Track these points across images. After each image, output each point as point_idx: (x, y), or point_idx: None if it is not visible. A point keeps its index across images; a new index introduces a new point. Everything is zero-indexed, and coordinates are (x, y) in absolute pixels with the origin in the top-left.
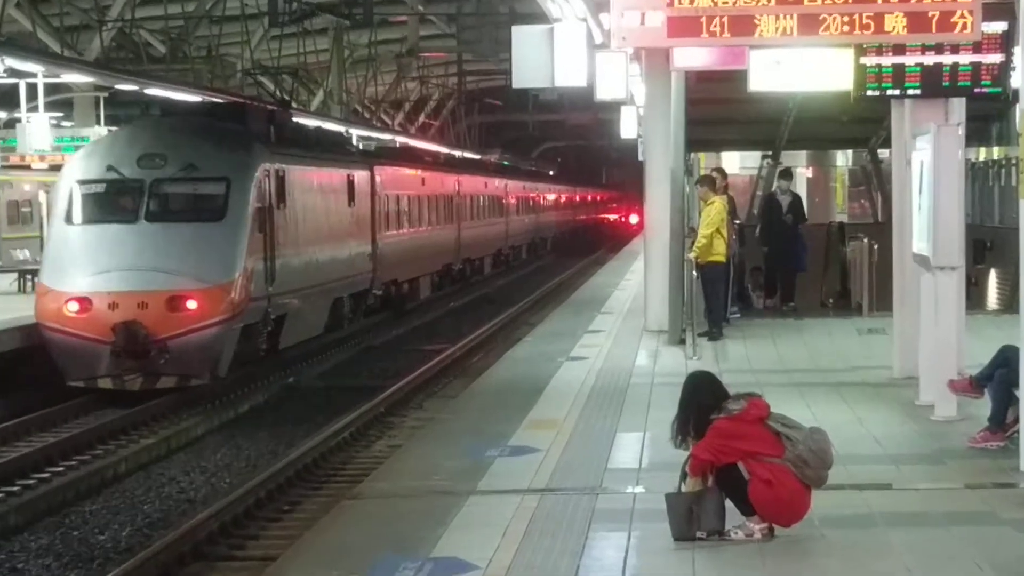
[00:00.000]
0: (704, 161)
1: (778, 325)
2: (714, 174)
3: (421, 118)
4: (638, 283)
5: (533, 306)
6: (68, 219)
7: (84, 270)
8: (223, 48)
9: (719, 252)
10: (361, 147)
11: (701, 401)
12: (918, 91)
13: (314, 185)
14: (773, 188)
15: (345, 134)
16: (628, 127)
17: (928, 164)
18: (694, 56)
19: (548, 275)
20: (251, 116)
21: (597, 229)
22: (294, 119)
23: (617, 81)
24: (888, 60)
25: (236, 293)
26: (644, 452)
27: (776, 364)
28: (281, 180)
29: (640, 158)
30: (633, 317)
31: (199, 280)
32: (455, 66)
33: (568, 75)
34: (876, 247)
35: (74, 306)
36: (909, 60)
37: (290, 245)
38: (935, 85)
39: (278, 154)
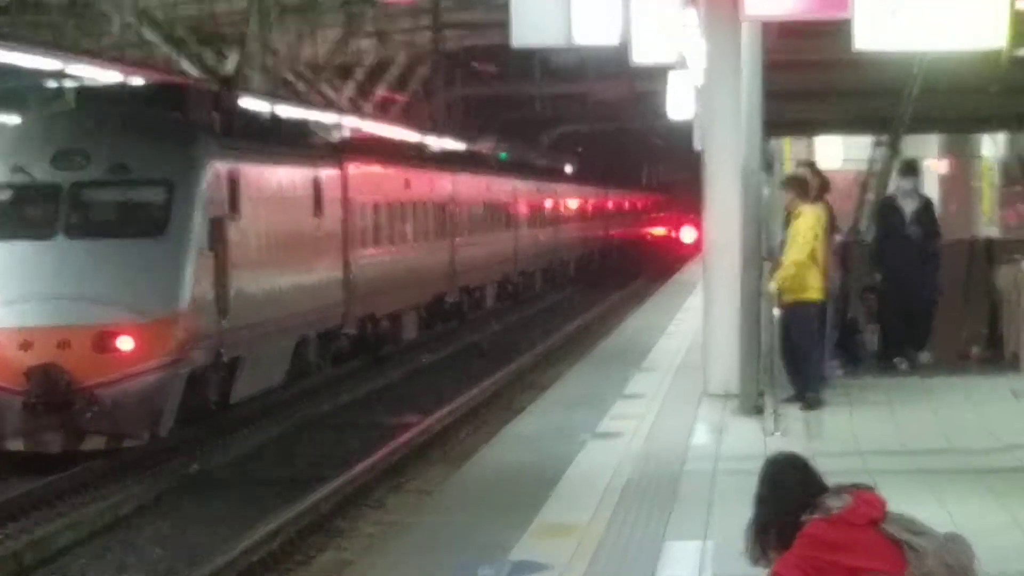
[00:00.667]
0: (790, 151)
1: (897, 386)
2: (804, 172)
3: (380, 90)
4: (694, 327)
5: (543, 359)
6: None
7: None
8: None
9: (813, 286)
10: (327, 138)
11: (786, 497)
12: None
13: (274, 189)
14: (891, 189)
15: (305, 121)
16: (679, 104)
17: None
18: (775, 1)
19: (565, 314)
20: (192, 100)
21: (635, 249)
22: (240, 102)
23: (663, 38)
24: None
25: (182, 328)
26: (704, 570)
27: (895, 443)
28: (234, 183)
29: (696, 147)
30: (687, 376)
31: (135, 312)
32: (428, 16)
33: (591, 29)
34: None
35: None
36: None
37: (247, 267)
38: None
39: (230, 149)
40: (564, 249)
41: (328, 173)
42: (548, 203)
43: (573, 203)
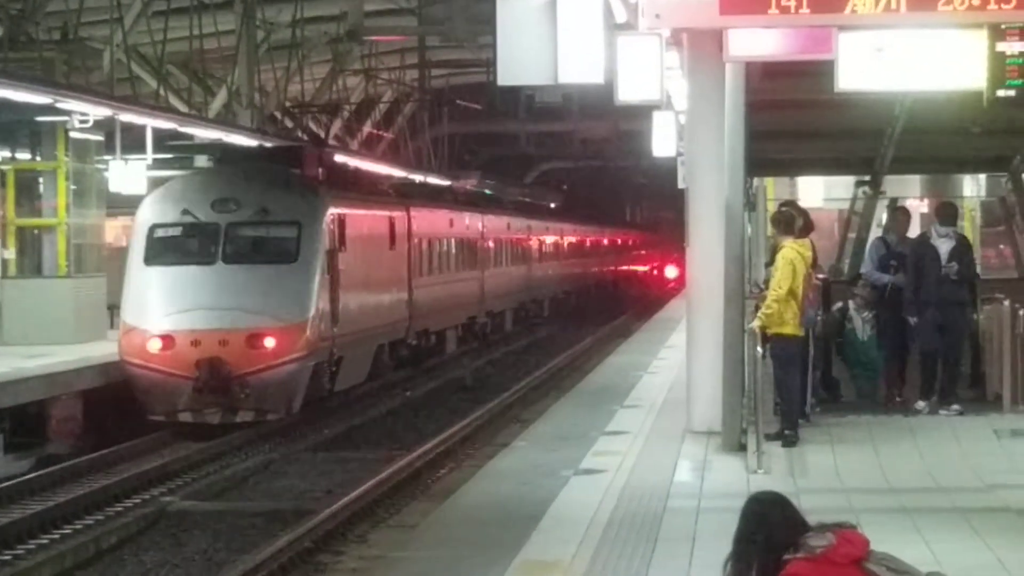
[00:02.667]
0: (772, 190)
1: (880, 425)
2: (789, 210)
3: (367, 127)
4: (678, 364)
5: (526, 396)
6: (147, 260)
7: (166, 309)
8: (85, 29)
9: (790, 322)
10: (394, 187)
11: (769, 536)
12: None
13: (365, 229)
14: (927, 229)
15: (376, 173)
16: (663, 142)
17: None
18: (758, 41)
19: (547, 351)
20: (307, 159)
21: (618, 286)
22: (336, 159)
23: (648, 77)
24: None
25: (310, 332)
26: None
27: (878, 481)
28: (342, 223)
29: (680, 185)
30: (671, 413)
31: (276, 319)
32: (415, 55)
33: (577, 68)
34: (1023, 312)
35: (157, 343)
36: None
37: (350, 288)
38: None
39: (337, 197)
40: (538, 288)
41: (398, 214)
42: (520, 239)
43: (550, 240)
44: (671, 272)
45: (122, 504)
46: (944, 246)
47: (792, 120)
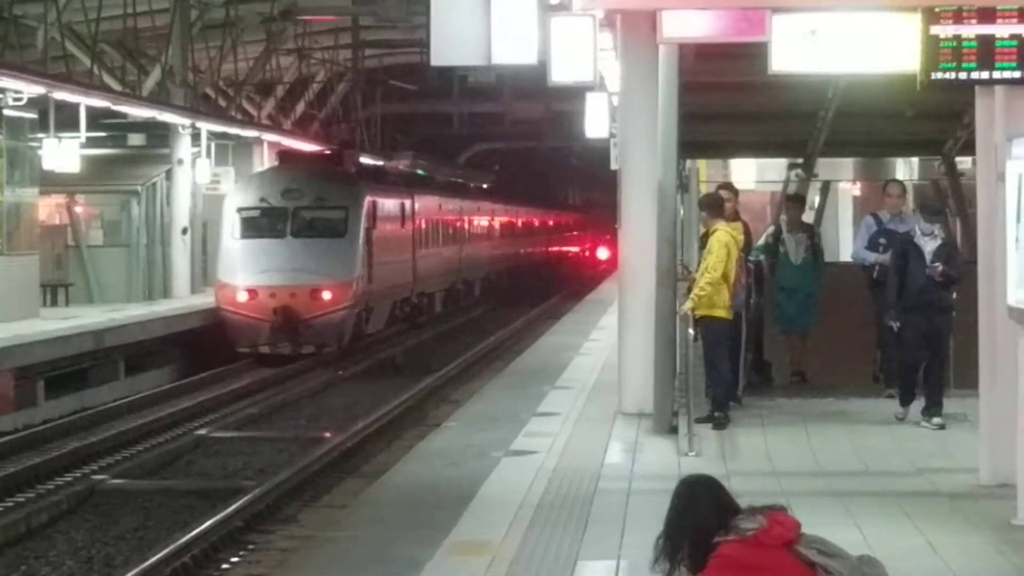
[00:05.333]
0: (705, 172)
1: (812, 408)
2: (721, 192)
3: (300, 107)
4: (609, 346)
5: (456, 377)
6: (234, 235)
7: (251, 270)
8: (19, 7)
9: (721, 305)
10: (402, 178)
11: (699, 517)
12: (1016, 73)
13: (387, 211)
14: (912, 228)
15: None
16: (596, 124)
17: None
18: (691, 22)
19: (478, 333)
20: (347, 158)
21: (550, 267)
22: (362, 158)
23: (581, 58)
24: (971, 30)
25: (355, 288)
26: None
27: (809, 464)
28: (374, 207)
29: (613, 166)
30: (602, 394)
31: (330, 278)
32: (348, 35)
33: (510, 49)
34: (954, 296)
35: (244, 295)
36: (1002, 30)
37: (378, 256)
38: None
39: (371, 188)
40: (470, 268)
41: (406, 200)
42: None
43: (482, 221)
44: (603, 254)
45: (53, 482)
46: (929, 246)
47: (725, 102)
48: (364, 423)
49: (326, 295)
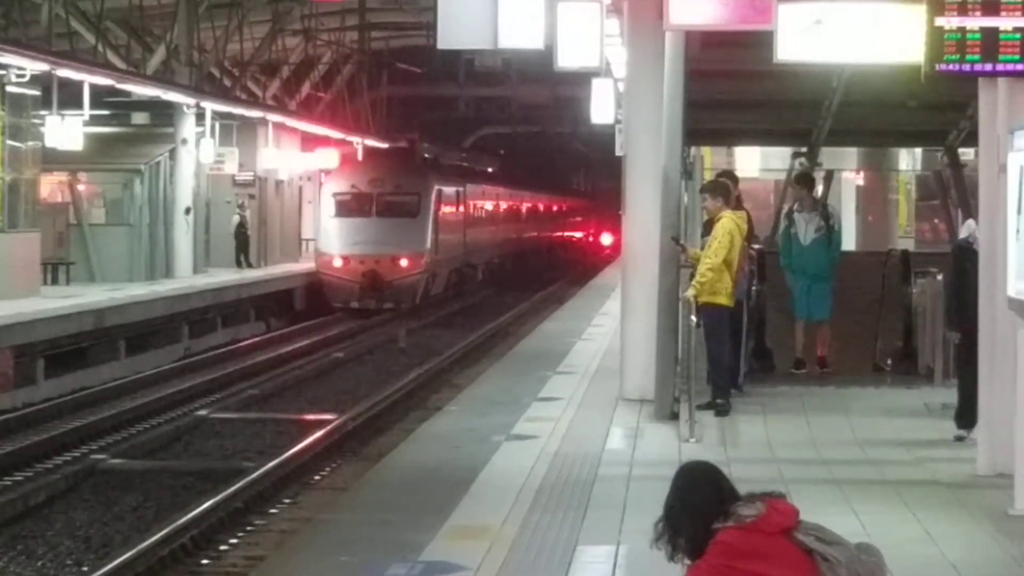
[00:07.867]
0: (709, 159)
1: (812, 395)
2: (725, 180)
3: (306, 88)
4: (612, 331)
5: (459, 360)
6: (330, 215)
7: (345, 242)
8: None
9: (723, 292)
10: (454, 169)
11: (699, 504)
12: (1019, 66)
13: (449, 196)
14: (967, 234)
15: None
16: (602, 109)
17: None
18: (698, 9)
19: (481, 317)
20: (417, 152)
21: (553, 253)
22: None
23: (587, 44)
24: (975, 22)
25: (426, 258)
26: (616, 575)
27: (809, 452)
28: (440, 193)
29: (618, 152)
30: (604, 380)
31: (407, 249)
32: (355, 16)
33: (517, 33)
34: None
35: (339, 262)
36: (1006, 23)
37: (443, 233)
38: None
39: (437, 177)
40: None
41: (459, 188)
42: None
43: (486, 205)
44: (607, 239)
45: (52, 461)
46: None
47: (731, 90)
48: (365, 406)
49: (403, 262)
